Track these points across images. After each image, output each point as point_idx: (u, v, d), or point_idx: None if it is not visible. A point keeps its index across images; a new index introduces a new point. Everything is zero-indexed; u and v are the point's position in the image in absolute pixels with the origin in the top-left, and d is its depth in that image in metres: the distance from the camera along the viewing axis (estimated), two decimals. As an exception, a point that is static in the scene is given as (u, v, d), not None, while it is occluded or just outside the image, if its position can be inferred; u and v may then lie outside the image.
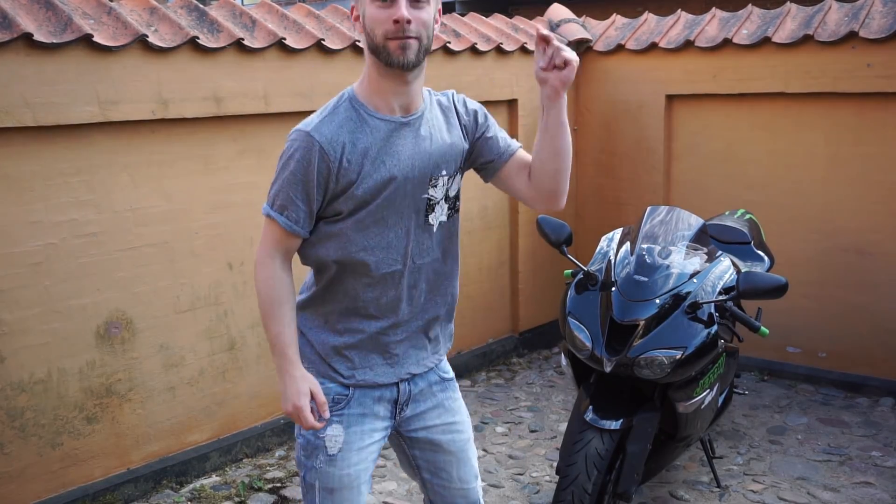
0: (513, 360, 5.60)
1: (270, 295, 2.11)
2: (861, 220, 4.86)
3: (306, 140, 2.03)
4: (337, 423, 2.21)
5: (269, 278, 2.11)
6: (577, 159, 5.90)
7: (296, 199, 2.05)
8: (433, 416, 2.35)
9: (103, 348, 3.65)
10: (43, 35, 3.27)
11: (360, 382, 2.22)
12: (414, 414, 2.33)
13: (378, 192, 2.08)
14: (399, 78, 2.05)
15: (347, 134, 2.05)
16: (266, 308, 2.12)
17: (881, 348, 4.88)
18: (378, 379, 2.23)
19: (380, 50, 2.00)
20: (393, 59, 1.99)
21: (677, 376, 3.18)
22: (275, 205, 2.07)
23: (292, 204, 2.05)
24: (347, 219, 2.10)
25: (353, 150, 2.05)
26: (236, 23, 4.00)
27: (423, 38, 2.01)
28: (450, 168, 2.20)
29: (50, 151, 3.41)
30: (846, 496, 3.81)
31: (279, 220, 2.07)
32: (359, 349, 2.22)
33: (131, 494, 3.76)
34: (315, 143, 2.02)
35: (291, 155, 2.03)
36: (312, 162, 2.02)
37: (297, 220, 2.07)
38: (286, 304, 2.13)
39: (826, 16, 4.91)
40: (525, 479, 4.05)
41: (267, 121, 4.10)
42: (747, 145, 5.19)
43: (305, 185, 2.03)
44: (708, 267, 3.42)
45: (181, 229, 3.85)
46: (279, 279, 2.12)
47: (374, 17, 1.99)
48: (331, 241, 2.13)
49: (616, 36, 5.63)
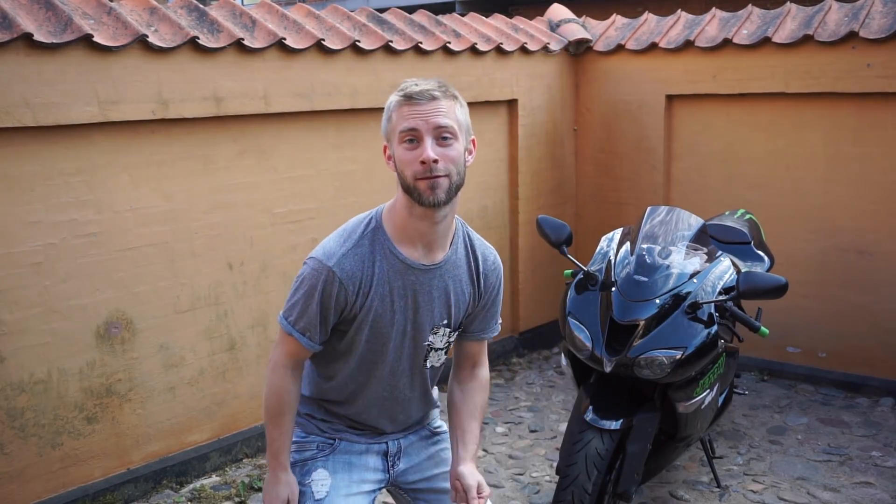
0: (513, 360, 5.60)
1: (278, 403, 2.18)
2: (861, 219, 4.86)
3: (328, 274, 2.05)
4: (322, 468, 2.25)
5: (280, 387, 2.17)
6: (577, 159, 5.90)
7: (317, 323, 2.11)
8: (430, 467, 2.38)
9: (103, 348, 3.65)
10: (43, 35, 3.27)
11: (347, 439, 2.30)
12: (409, 466, 2.36)
13: (378, 325, 2.13)
14: (429, 218, 2.04)
15: (367, 268, 2.08)
16: (271, 413, 2.19)
17: (881, 348, 4.88)
18: (364, 441, 2.31)
19: (411, 190, 1.99)
20: (424, 199, 1.98)
21: (677, 376, 3.18)
22: (297, 325, 2.11)
23: (314, 328, 2.11)
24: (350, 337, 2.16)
25: (370, 284, 2.09)
26: (236, 23, 4.00)
27: (453, 175, 1.99)
28: (454, 321, 2.23)
29: (50, 151, 3.41)
30: (846, 496, 3.81)
31: (302, 341, 2.13)
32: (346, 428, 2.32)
33: (131, 494, 3.76)
34: (336, 278, 2.06)
35: (313, 285, 2.07)
36: (333, 293, 2.07)
37: (317, 339, 2.14)
38: (289, 414, 2.19)
39: (826, 16, 4.92)
40: (525, 479, 4.05)
41: (267, 121, 4.10)
42: (747, 145, 5.19)
43: (325, 311, 2.09)
44: (708, 267, 3.42)
45: (181, 229, 3.85)
46: (288, 391, 2.18)
47: (402, 158, 1.99)
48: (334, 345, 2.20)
49: (616, 36, 5.63)
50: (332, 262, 2.05)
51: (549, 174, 5.70)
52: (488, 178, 5.35)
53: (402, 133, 1.97)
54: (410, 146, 1.97)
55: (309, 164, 4.27)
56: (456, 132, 1.99)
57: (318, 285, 2.06)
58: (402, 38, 4.62)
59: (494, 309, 2.32)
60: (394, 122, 2.00)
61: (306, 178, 4.31)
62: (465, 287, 2.21)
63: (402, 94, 1.99)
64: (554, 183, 5.75)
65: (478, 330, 2.32)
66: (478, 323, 2.31)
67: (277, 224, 4.19)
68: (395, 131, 1.99)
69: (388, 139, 2.04)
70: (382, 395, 2.24)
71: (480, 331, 2.33)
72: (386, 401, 2.25)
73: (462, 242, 2.20)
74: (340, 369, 2.21)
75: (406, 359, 2.21)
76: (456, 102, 2.01)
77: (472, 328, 2.31)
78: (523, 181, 5.50)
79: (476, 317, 2.29)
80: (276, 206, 4.18)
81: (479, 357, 2.39)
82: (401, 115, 1.98)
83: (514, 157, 5.47)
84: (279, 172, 4.18)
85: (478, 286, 2.23)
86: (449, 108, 1.98)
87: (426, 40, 4.76)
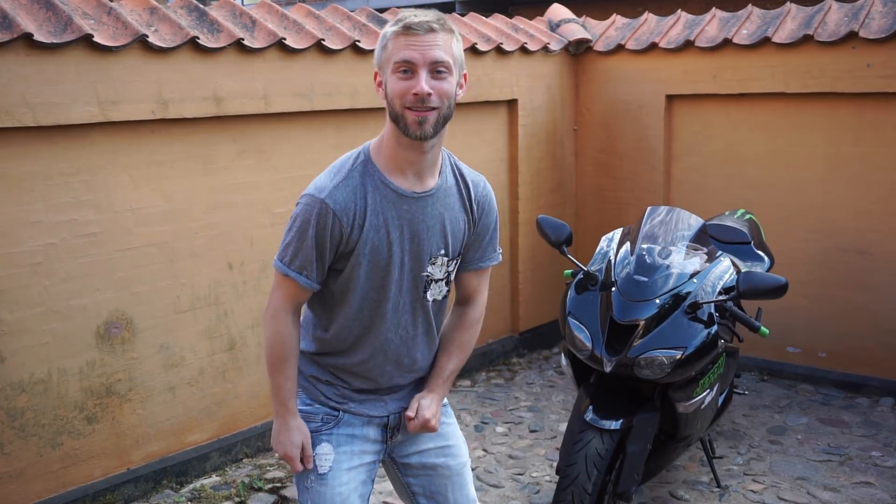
0: (513, 360, 5.60)
1: (281, 350, 2.17)
2: (860, 219, 4.86)
3: (321, 206, 2.05)
4: (326, 442, 2.24)
5: (281, 333, 2.17)
6: (577, 159, 5.90)
7: (313, 260, 2.10)
8: (426, 440, 2.36)
9: (103, 348, 3.65)
10: (43, 35, 3.27)
11: (350, 410, 2.26)
12: (407, 438, 2.34)
13: (376, 258, 2.11)
14: (417, 148, 2.06)
15: (360, 199, 2.08)
16: (274, 360, 2.18)
17: (881, 348, 4.88)
18: (369, 412, 2.28)
19: (398, 118, 2.01)
20: (411, 132, 2.01)
21: (677, 376, 3.18)
22: (293, 265, 2.11)
23: (310, 265, 2.10)
24: (348, 275, 2.13)
25: (363, 216, 2.08)
26: (236, 23, 4.00)
27: (443, 109, 2.02)
28: (452, 250, 2.22)
29: (50, 151, 3.41)
30: (846, 496, 3.81)
31: (299, 280, 2.11)
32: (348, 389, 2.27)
33: (131, 494, 3.76)
34: (329, 210, 2.05)
35: (307, 220, 2.06)
36: (328, 227, 2.06)
37: (314, 277, 2.13)
38: (292, 360, 2.19)
39: (826, 16, 4.92)
40: (525, 479, 4.05)
41: (267, 121, 4.10)
42: (747, 145, 5.19)
43: (321, 247, 2.08)
44: (708, 267, 3.42)
45: (181, 229, 3.85)
46: (290, 336, 2.18)
47: (394, 87, 1.99)
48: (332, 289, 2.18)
49: (616, 36, 5.63)
50: (324, 195, 2.05)
51: (549, 174, 5.70)
52: (488, 178, 5.31)
53: (397, 63, 1.98)
54: (404, 76, 1.98)
55: (309, 164, 4.27)
56: (451, 66, 2.01)
57: (311, 220, 2.05)
58: (402, 38, 4.62)
59: (491, 236, 2.31)
60: (389, 51, 2.00)
61: (306, 178, 4.25)
62: (459, 215, 2.21)
63: (401, 24, 1.99)
64: (554, 183, 5.75)
65: (476, 259, 2.31)
66: (475, 252, 2.30)
67: (277, 224, 4.19)
68: (391, 61, 2.00)
69: (380, 67, 2.05)
70: (387, 335, 2.20)
71: (479, 259, 2.31)
72: (391, 342, 2.21)
73: (451, 171, 2.22)
74: (343, 314, 2.18)
75: (406, 292, 2.18)
76: (452, 37, 2.03)
77: (469, 257, 2.30)
78: (523, 181, 5.50)
79: (472, 245, 2.28)
80: (276, 206, 4.18)
81: (476, 293, 2.38)
82: (397, 45, 1.98)
83: (514, 157, 5.47)
84: (279, 172, 4.18)
85: (471, 213, 2.24)
86: (446, 42, 2.00)
87: (426, 40, 4.75)
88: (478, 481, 4.02)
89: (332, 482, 2.22)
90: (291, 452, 2.19)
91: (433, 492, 2.37)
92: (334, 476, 2.22)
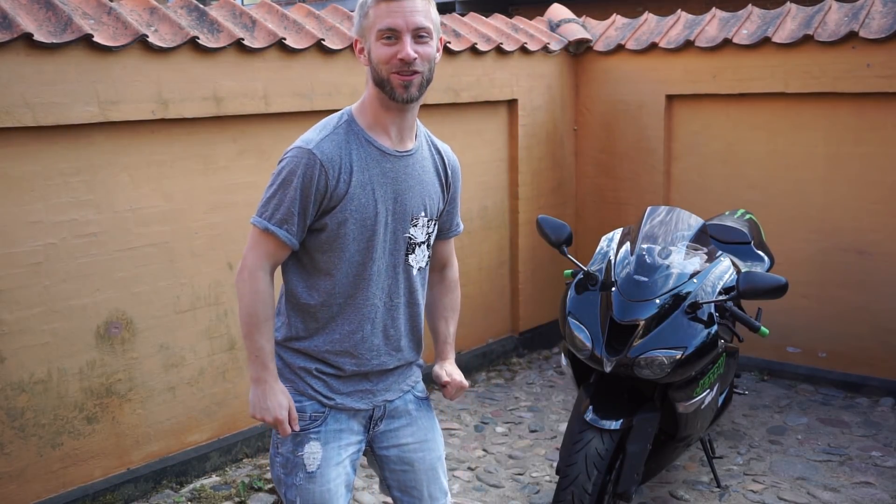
0: (513, 360, 5.60)
1: (257, 309, 2.14)
2: (861, 219, 4.86)
3: (308, 157, 2.07)
4: (315, 441, 2.23)
5: (258, 292, 2.14)
6: (577, 159, 5.90)
7: (295, 213, 2.09)
8: (406, 434, 2.37)
9: (103, 348, 3.65)
10: (43, 35, 3.27)
11: (338, 405, 2.25)
12: (388, 430, 2.35)
13: (362, 216, 2.12)
14: (400, 109, 2.13)
15: (346, 154, 2.11)
16: (251, 320, 2.15)
17: (881, 348, 4.88)
18: (356, 405, 2.27)
19: (384, 83, 2.08)
20: (397, 96, 2.08)
21: (677, 376, 3.18)
22: (273, 218, 2.09)
23: (291, 218, 2.09)
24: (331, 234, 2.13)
25: (349, 171, 2.10)
26: (236, 23, 4.01)
27: (426, 72, 2.10)
28: (430, 211, 2.26)
29: (50, 151, 3.41)
30: (846, 496, 3.81)
31: (279, 233, 2.10)
32: (338, 378, 2.25)
33: (131, 494, 3.76)
34: (317, 160, 2.06)
35: (293, 170, 2.07)
36: (314, 178, 2.06)
37: (295, 233, 2.12)
38: (270, 320, 2.17)
39: (826, 16, 4.92)
40: (525, 479, 4.05)
41: (267, 121, 4.10)
42: (747, 145, 5.19)
43: (304, 200, 2.08)
44: (708, 267, 3.42)
45: (181, 229, 3.85)
46: (266, 294, 2.15)
47: (380, 54, 2.06)
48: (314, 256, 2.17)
49: (616, 36, 5.63)
50: (312, 146, 2.07)
51: (549, 174, 5.70)
52: (488, 178, 5.35)
53: (381, 31, 2.04)
54: (388, 42, 2.05)
55: (309, 164, 4.27)
56: (431, 31, 2.09)
57: (297, 170, 2.06)
58: (402, 38, 4.62)
59: (456, 206, 2.39)
60: (371, 19, 2.06)
61: (306, 178, 4.30)
62: (434, 178, 2.27)
63: None
64: (554, 183, 5.75)
65: (447, 229, 2.40)
66: (446, 221, 2.38)
67: (277, 224, 4.18)
68: (374, 28, 2.05)
69: (361, 35, 2.11)
70: (373, 300, 2.20)
71: (450, 229, 2.41)
72: (376, 308, 2.21)
73: (424, 137, 2.28)
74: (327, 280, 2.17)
75: (389, 254, 2.20)
76: (430, 3, 2.11)
77: (442, 226, 2.37)
78: (523, 181, 5.50)
79: (445, 213, 2.36)
80: (276, 206, 4.17)
81: (447, 259, 2.48)
82: (379, 12, 2.04)
83: (514, 157, 5.47)
84: (279, 172, 4.17)
85: (445, 179, 2.31)
86: (425, 7, 2.07)
87: (426, 40, 4.75)
88: (478, 481, 4.02)
89: (321, 479, 2.22)
90: (281, 415, 2.15)
91: (409, 487, 2.39)
92: (323, 473, 2.22)
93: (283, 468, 2.25)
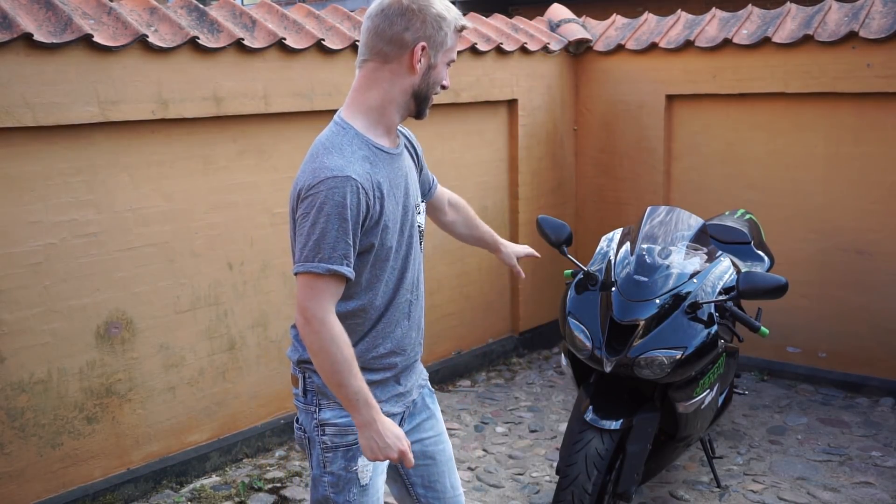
0: (513, 360, 5.60)
1: (344, 353, 2.01)
2: (860, 219, 4.86)
3: (349, 183, 1.97)
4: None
5: (338, 337, 2.01)
6: (577, 159, 5.90)
7: (352, 244, 2.00)
8: (427, 428, 2.38)
9: (103, 348, 3.65)
10: (43, 35, 3.27)
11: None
12: (411, 426, 2.36)
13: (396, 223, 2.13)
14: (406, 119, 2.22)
15: (371, 168, 2.05)
16: (340, 368, 2.01)
17: (881, 348, 4.88)
18: (393, 410, 2.26)
19: (425, 100, 2.15)
20: (425, 114, 2.19)
21: (677, 376, 3.18)
22: (333, 258, 1.98)
23: (349, 250, 2.00)
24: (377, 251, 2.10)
25: (379, 187, 2.06)
26: (236, 23, 4.00)
27: None
28: (420, 198, 2.32)
29: (50, 151, 3.41)
30: (846, 496, 3.81)
31: (345, 271, 1.99)
32: (381, 385, 2.22)
33: (131, 494, 3.76)
34: (357, 184, 1.98)
35: (339, 202, 1.96)
36: (360, 204, 1.99)
37: (353, 264, 2.03)
38: (355, 359, 2.05)
39: (826, 16, 4.92)
40: (525, 479, 4.05)
41: (267, 121, 4.10)
42: (747, 145, 5.19)
43: (355, 227, 1.99)
44: (708, 267, 3.42)
45: (181, 229, 3.85)
46: (343, 336, 2.02)
47: (442, 76, 2.15)
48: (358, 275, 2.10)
49: (616, 36, 5.63)
50: (349, 171, 1.97)
51: (549, 174, 5.70)
52: (488, 178, 5.35)
53: (453, 59, 2.16)
54: (447, 67, 2.17)
55: (309, 164, 4.26)
56: None
57: (344, 200, 1.95)
58: (402, 38, 4.62)
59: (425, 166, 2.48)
60: (448, 42, 2.12)
61: (306, 178, 4.30)
62: (413, 164, 2.32)
63: (460, 22, 2.15)
64: (554, 183, 5.75)
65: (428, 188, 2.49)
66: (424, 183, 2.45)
67: (277, 224, 4.19)
68: (450, 51, 2.14)
69: (432, 48, 2.09)
70: (406, 297, 2.20)
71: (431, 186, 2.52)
72: (409, 303, 2.22)
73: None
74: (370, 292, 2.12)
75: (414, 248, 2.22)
76: None
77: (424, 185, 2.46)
78: (523, 181, 5.50)
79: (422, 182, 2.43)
80: (276, 206, 4.18)
81: (445, 195, 2.62)
82: (454, 40, 2.14)
83: (514, 157, 5.47)
84: (279, 172, 4.18)
85: (417, 160, 2.37)
86: None
87: (426, 40, 4.75)
88: (478, 481, 4.02)
89: (373, 489, 2.23)
90: (403, 447, 2.06)
91: (432, 481, 2.39)
92: (374, 484, 2.23)
93: (332, 487, 2.18)
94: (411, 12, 2.05)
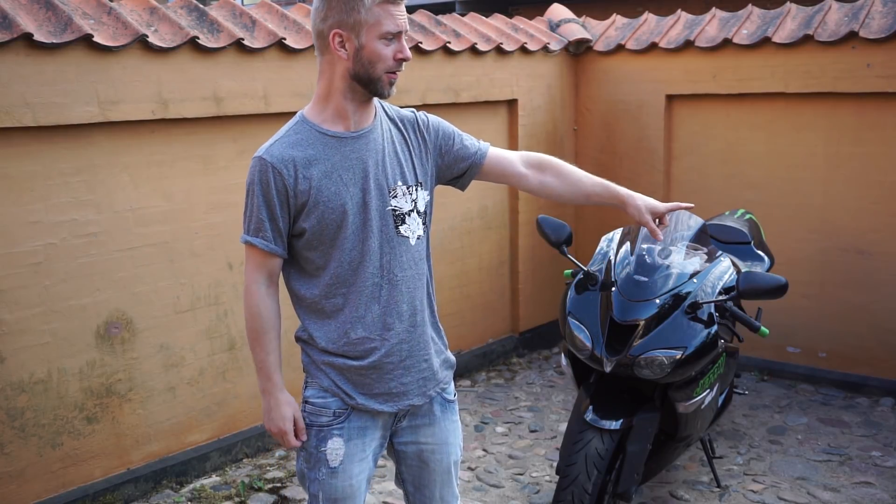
0: (513, 360, 5.60)
1: (257, 323, 2.22)
2: (860, 219, 4.86)
3: (260, 164, 2.13)
4: (338, 437, 2.24)
5: (255, 305, 2.21)
6: (577, 159, 5.90)
7: (264, 219, 2.15)
8: (427, 434, 2.37)
9: (103, 348, 3.65)
10: (43, 35, 3.27)
11: (360, 406, 2.25)
12: (409, 426, 2.35)
13: (337, 203, 2.14)
14: (368, 101, 2.19)
15: (300, 151, 2.14)
16: (252, 335, 2.23)
17: (881, 348, 4.88)
18: (382, 408, 2.27)
19: (372, 81, 2.12)
20: (384, 92, 2.15)
21: (677, 376, 3.18)
22: (249, 230, 2.18)
23: (262, 224, 2.15)
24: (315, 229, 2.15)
25: (308, 166, 2.13)
26: (236, 23, 4.01)
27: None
28: (409, 179, 2.25)
29: (50, 151, 3.41)
30: (846, 496, 3.81)
31: (256, 242, 2.17)
32: (364, 374, 2.24)
33: (131, 494, 3.76)
34: (267, 164, 2.12)
35: (251, 180, 2.15)
36: (270, 182, 2.12)
37: (271, 238, 2.17)
38: (272, 331, 2.23)
39: (826, 16, 4.92)
40: (525, 479, 4.05)
41: (267, 121, 4.09)
42: (747, 145, 5.19)
43: (268, 204, 2.14)
44: (708, 267, 3.42)
45: (181, 229, 3.85)
46: (265, 306, 2.21)
47: (378, 52, 2.10)
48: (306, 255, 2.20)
49: (616, 36, 5.63)
50: (262, 153, 2.14)
51: (549, 174, 5.69)
52: (488, 178, 5.34)
53: (386, 32, 2.09)
54: (387, 43, 2.11)
55: (309, 164, 4.27)
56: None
57: (254, 178, 2.13)
58: (402, 38, 4.62)
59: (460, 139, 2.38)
60: (375, 18, 2.07)
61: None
62: (403, 147, 2.27)
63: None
64: (554, 183, 5.74)
65: (472, 155, 2.38)
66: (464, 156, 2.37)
67: (277, 224, 4.18)
68: (377, 28, 2.08)
69: (353, 29, 2.08)
70: (374, 280, 2.19)
71: (475, 154, 2.39)
72: (380, 287, 2.20)
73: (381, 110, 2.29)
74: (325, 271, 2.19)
75: (378, 231, 2.19)
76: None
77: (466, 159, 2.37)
78: (523, 181, 5.49)
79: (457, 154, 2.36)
80: (276, 206, 4.18)
81: (519, 159, 2.45)
82: (386, 13, 2.08)
83: (514, 157, 5.47)
84: (279, 172, 4.17)
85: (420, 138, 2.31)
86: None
87: (426, 40, 4.76)
88: (478, 481, 4.02)
89: (344, 474, 2.24)
90: (285, 427, 2.23)
91: (422, 485, 2.41)
92: (345, 469, 2.24)
93: (305, 462, 2.28)
94: (325, 2, 2.11)
